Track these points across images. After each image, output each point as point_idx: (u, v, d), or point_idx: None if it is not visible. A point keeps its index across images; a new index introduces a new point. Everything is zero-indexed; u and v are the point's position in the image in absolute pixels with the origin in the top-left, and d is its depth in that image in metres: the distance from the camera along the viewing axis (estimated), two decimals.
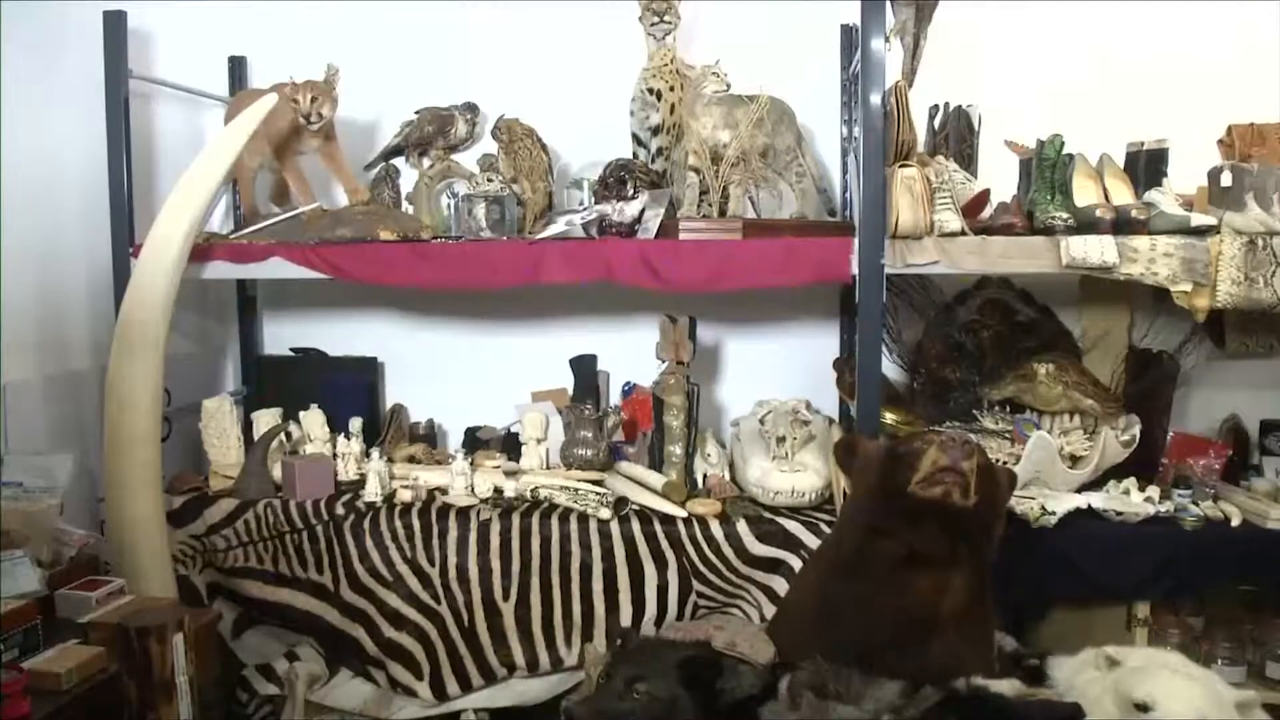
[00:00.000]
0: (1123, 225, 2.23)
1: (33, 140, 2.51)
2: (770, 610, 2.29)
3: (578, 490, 2.44)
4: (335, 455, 2.70)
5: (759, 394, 2.84)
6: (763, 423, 2.55)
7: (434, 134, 2.84)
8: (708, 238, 2.40)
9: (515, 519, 2.40)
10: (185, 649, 1.71)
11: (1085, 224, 2.24)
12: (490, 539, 2.38)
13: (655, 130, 2.69)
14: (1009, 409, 2.52)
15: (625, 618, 2.34)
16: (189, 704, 1.71)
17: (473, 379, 3.03)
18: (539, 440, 2.67)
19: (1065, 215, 2.25)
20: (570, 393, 2.89)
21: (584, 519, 2.38)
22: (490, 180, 2.71)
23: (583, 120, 2.89)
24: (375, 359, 3.07)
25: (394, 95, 2.92)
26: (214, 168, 2.46)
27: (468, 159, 2.88)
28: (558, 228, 2.53)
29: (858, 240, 2.26)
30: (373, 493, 2.52)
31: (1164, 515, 2.31)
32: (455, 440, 3.02)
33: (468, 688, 2.38)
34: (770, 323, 2.98)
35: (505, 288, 2.56)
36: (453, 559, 2.38)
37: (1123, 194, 2.36)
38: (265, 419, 2.72)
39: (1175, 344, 2.68)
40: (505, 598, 2.37)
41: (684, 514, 2.38)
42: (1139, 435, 2.41)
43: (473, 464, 2.60)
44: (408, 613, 2.40)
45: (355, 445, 2.71)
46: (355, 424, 2.76)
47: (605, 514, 2.38)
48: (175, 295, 2.37)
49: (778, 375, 2.93)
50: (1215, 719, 1.58)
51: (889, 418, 2.51)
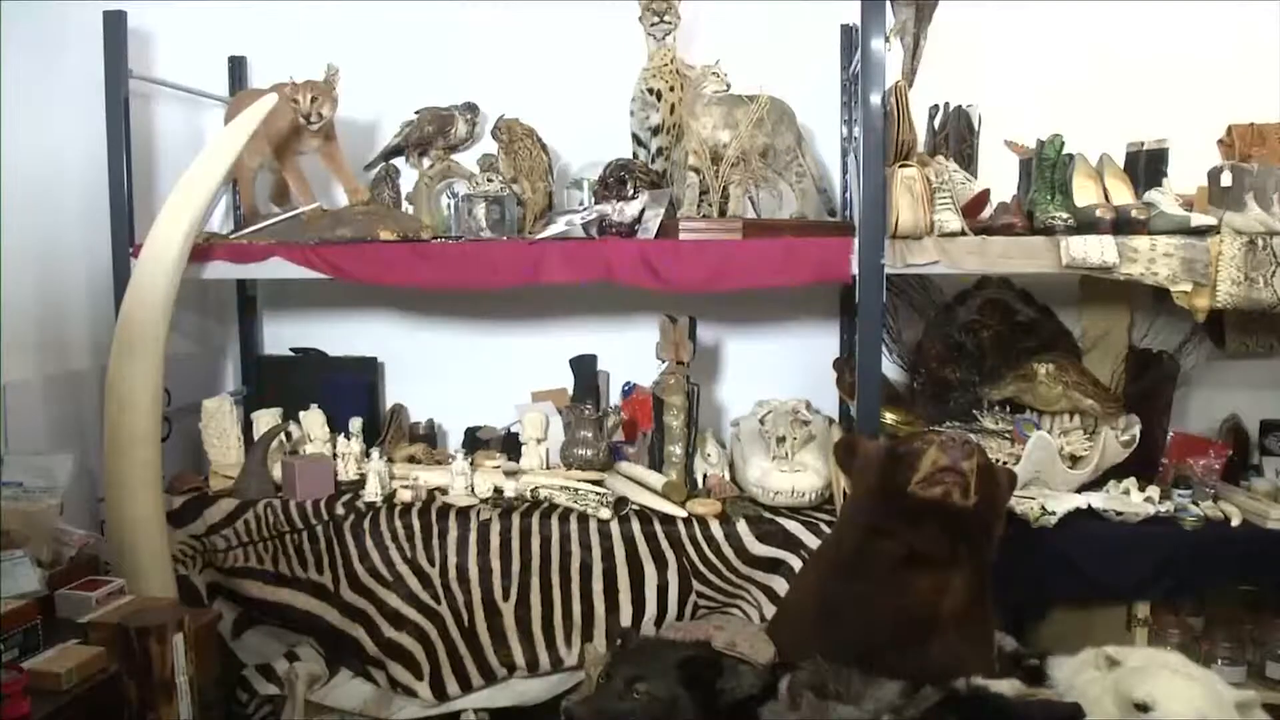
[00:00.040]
0: (1123, 225, 2.23)
1: (33, 140, 2.51)
2: (770, 610, 2.29)
3: (578, 490, 2.44)
4: (335, 455, 2.70)
5: (759, 394, 2.84)
6: (763, 423, 2.55)
7: (434, 134, 2.84)
8: (708, 238, 2.39)
9: (515, 519, 2.40)
10: (185, 649, 1.71)
11: (1085, 224, 2.24)
12: (490, 539, 2.38)
13: (655, 130, 2.69)
14: (1009, 409, 2.52)
15: (625, 618, 2.34)
16: (189, 704, 1.71)
17: (473, 379, 3.03)
18: (539, 440, 2.67)
19: (1065, 215, 2.25)
20: (570, 393, 2.89)
21: (584, 519, 2.38)
22: (490, 180, 2.71)
23: (583, 120, 2.89)
24: (375, 359, 3.07)
25: (394, 95, 2.92)
26: (214, 168, 2.46)
27: (468, 159, 2.88)
28: (558, 228, 2.53)
29: (858, 240, 2.26)
30: (373, 493, 2.52)
31: (1164, 515, 2.31)
32: (455, 440, 3.02)
33: (468, 688, 2.38)
34: (770, 323, 2.98)
35: (505, 288, 2.56)
36: (453, 559, 2.38)
37: (1123, 194, 2.36)
38: (265, 419, 2.72)
39: (1175, 344, 2.68)
40: (505, 598, 2.37)
41: (684, 514, 2.38)
42: (1139, 435, 2.41)
43: (473, 464, 2.60)
44: (408, 613, 2.40)
45: (355, 445, 2.71)
46: (355, 424, 2.76)
47: (605, 514, 2.38)
48: (175, 295, 2.37)
49: (778, 375, 2.93)
50: (1215, 719, 1.58)
51: (889, 418, 2.51)
